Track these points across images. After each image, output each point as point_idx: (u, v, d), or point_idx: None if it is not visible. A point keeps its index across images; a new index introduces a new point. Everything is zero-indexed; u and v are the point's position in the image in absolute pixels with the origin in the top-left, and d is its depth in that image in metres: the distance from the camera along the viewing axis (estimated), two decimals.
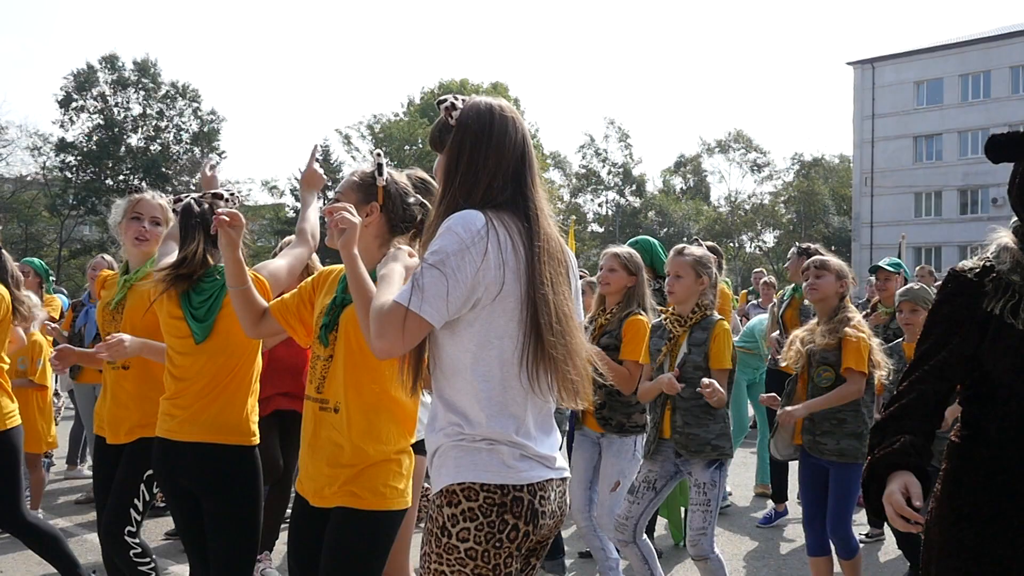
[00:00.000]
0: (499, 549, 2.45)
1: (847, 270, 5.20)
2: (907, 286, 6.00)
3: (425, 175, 3.56)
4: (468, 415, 2.49)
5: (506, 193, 2.52)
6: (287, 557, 3.42)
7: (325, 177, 4.23)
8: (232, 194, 3.85)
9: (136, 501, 4.27)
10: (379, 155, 3.24)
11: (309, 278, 3.50)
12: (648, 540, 5.07)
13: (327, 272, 3.44)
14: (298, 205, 54.27)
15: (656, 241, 6.42)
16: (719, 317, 4.92)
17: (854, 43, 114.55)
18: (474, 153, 2.52)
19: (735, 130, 70.86)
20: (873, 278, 8.03)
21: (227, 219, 3.26)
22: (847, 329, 4.92)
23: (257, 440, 3.97)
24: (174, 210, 3.91)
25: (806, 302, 11.36)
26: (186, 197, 3.89)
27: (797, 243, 7.99)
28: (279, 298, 3.48)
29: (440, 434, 2.54)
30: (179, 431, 3.85)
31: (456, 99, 2.60)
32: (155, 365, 4.26)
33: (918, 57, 54.78)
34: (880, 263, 7.62)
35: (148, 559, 4.32)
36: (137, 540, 4.29)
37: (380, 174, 3.22)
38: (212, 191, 3.88)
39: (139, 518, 4.31)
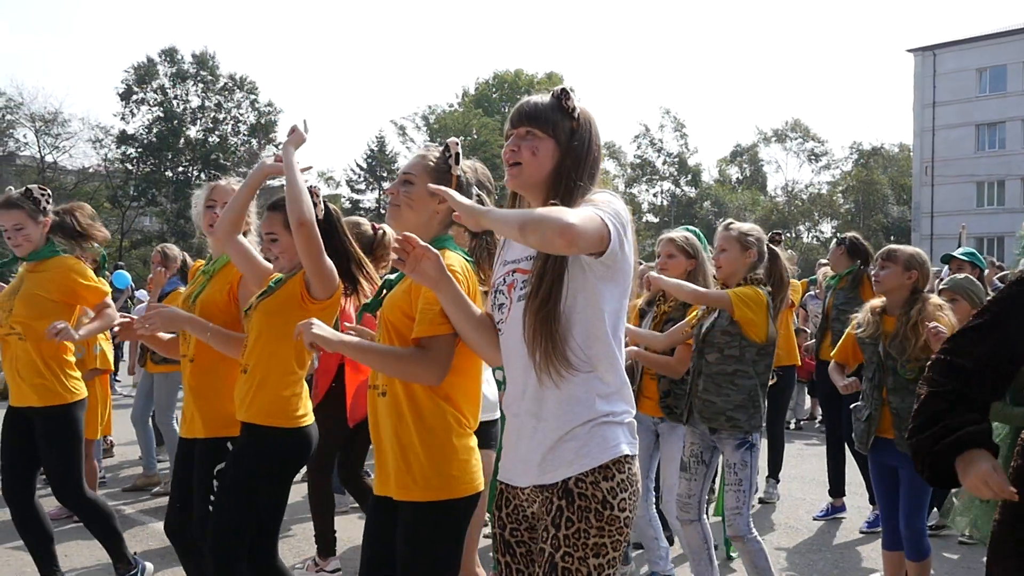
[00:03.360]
0: (634, 516, 2.56)
1: (918, 260, 4.87)
2: (952, 276, 5.87)
3: (486, 171, 3.48)
4: (606, 388, 2.57)
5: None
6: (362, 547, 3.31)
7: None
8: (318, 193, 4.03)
9: (213, 498, 4.10)
10: (456, 144, 3.21)
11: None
12: (708, 523, 5.02)
13: None
14: (354, 196, 53.31)
15: (698, 230, 6.31)
16: (762, 290, 4.75)
17: (914, 30, 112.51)
18: (598, 148, 2.73)
19: (792, 119, 69.82)
20: (940, 269, 7.91)
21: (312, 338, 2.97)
22: (939, 325, 4.54)
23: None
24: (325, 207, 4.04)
25: (811, 292, 11.27)
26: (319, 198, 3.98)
27: (836, 237, 7.89)
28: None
29: (578, 413, 2.54)
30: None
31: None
32: (214, 359, 4.21)
33: (980, 44, 53.59)
34: (954, 252, 7.45)
35: None
36: None
37: (456, 163, 3.20)
38: (310, 187, 3.97)
39: None
